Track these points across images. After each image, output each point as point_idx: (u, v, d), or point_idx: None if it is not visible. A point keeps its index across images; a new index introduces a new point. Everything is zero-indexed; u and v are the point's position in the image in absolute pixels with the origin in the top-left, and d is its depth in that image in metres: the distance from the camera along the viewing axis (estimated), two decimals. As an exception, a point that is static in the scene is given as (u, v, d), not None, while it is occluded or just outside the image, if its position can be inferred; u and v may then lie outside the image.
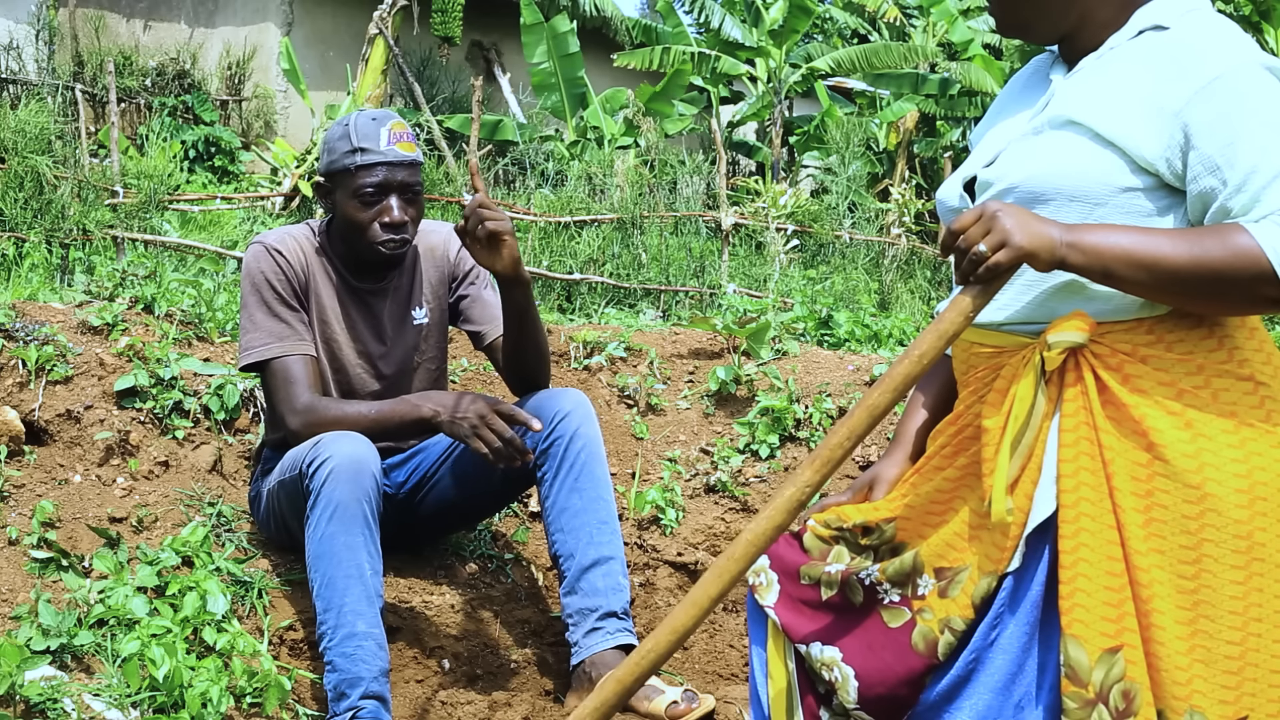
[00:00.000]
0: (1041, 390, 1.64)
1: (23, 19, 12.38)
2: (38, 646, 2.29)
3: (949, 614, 1.68)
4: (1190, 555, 1.56)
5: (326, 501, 2.40)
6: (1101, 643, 1.58)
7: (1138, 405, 1.59)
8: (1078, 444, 1.62)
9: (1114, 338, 1.62)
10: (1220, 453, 1.57)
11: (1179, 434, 1.58)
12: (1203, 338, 1.61)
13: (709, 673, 2.82)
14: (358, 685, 2.35)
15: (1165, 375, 1.60)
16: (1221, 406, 1.59)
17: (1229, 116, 1.54)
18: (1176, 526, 1.57)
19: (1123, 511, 1.58)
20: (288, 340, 2.64)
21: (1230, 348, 1.61)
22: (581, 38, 12.83)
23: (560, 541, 2.65)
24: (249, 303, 2.66)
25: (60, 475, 2.90)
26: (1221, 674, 1.55)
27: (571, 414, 2.66)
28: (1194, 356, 1.60)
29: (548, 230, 8.19)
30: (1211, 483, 1.56)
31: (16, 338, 3.17)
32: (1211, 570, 1.56)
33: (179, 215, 7.96)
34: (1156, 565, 1.56)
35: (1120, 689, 1.58)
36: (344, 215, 2.66)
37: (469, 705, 2.55)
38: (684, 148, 12.54)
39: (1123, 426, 1.60)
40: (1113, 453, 1.60)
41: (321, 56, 13.34)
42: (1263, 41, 12.12)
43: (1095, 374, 1.62)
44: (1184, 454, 1.57)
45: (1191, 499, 1.56)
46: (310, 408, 2.58)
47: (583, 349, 4.12)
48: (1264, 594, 1.56)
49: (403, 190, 2.64)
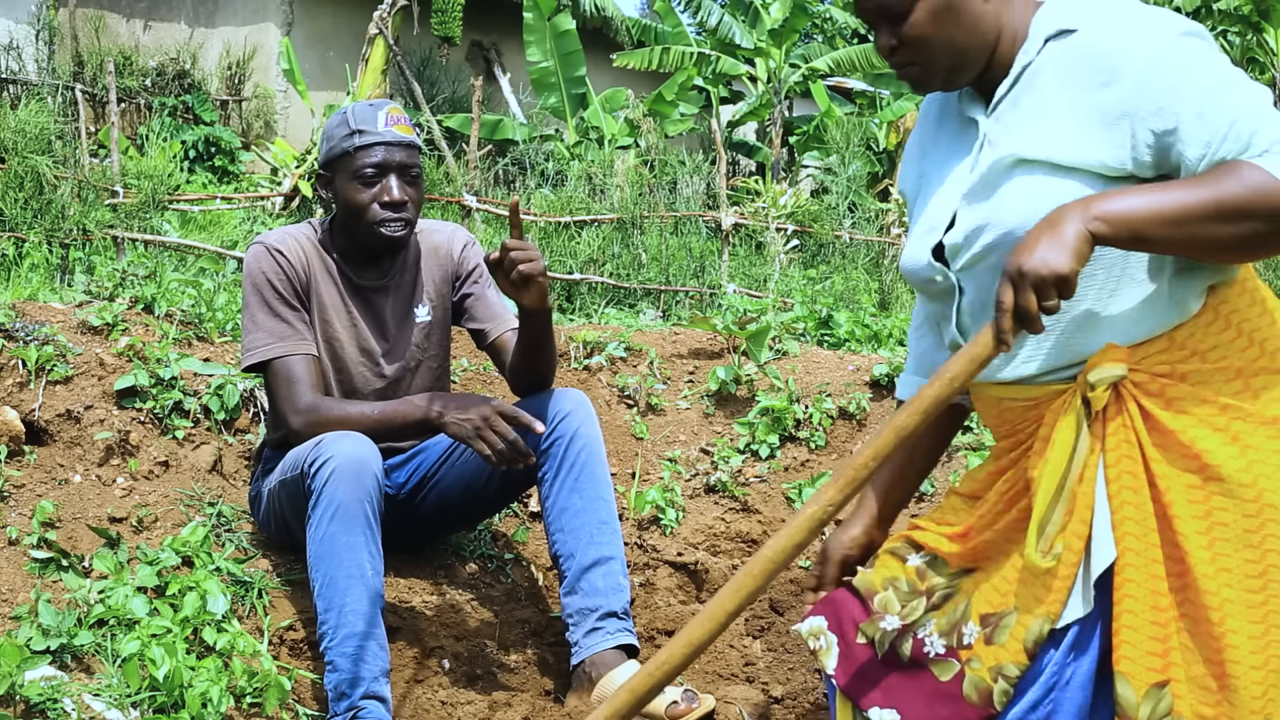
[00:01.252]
0: (1085, 431, 1.62)
1: (23, 19, 12.37)
2: (38, 646, 2.29)
3: (999, 661, 1.65)
4: (1256, 569, 1.56)
5: (328, 501, 2.40)
6: (1148, 678, 1.58)
7: (1185, 429, 1.59)
8: (1120, 479, 1.61)
9: (1150, 361, 1.61)
10: (1270, 459, 1.57)
11: (1228, 449, 1.58)
12: (1232, 338, 1.61)
13: (709, 673, 2.82)
14: (359, 685, 2.35)
15: (1207, 390, 1.59)
16: (1264, 408, 1.58)
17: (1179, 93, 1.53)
18: (1240, 542, 1.56)
19: (1185, 538, 1.58)
20: (289, 340, 2.64)
21: (1260, 341, 1.61)
22: (582, 38, 12.83)
23: (560, 541, 2.65)
24: (250, 303, 2.66)
25: (60, 475, 2.90)
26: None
27: (572, 414, 2.66)
28: (1229, 360, 1.60)
29: (548, 230, 8.19)
30: (1268, 492, 1.56)
31: (16, 338, 3.17)
32: (1278, 579, 1.56)
33: (179, 215, 7.96)
34: (1226, 585, 1.56)
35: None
36: (345, 200, 2.66)
37: (469, 705, 2.55)
38: (684, 148, 12.54)
39: (1171, 452, 1.59)
40: (1167, 481, 1.59)
41: (321, 56, 13.34)
42: (1263, 41, 12.11)
43: (1139, 404, 1.61)
44: (1237, 469, 1.57)
45: (1250, 512, 1.56)
46: (313, 407, 2.58)
47: (583, 349, 4.12)
48: None
49: (401, 171, 2.65)
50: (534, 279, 2.45)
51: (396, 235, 2.66)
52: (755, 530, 3.43)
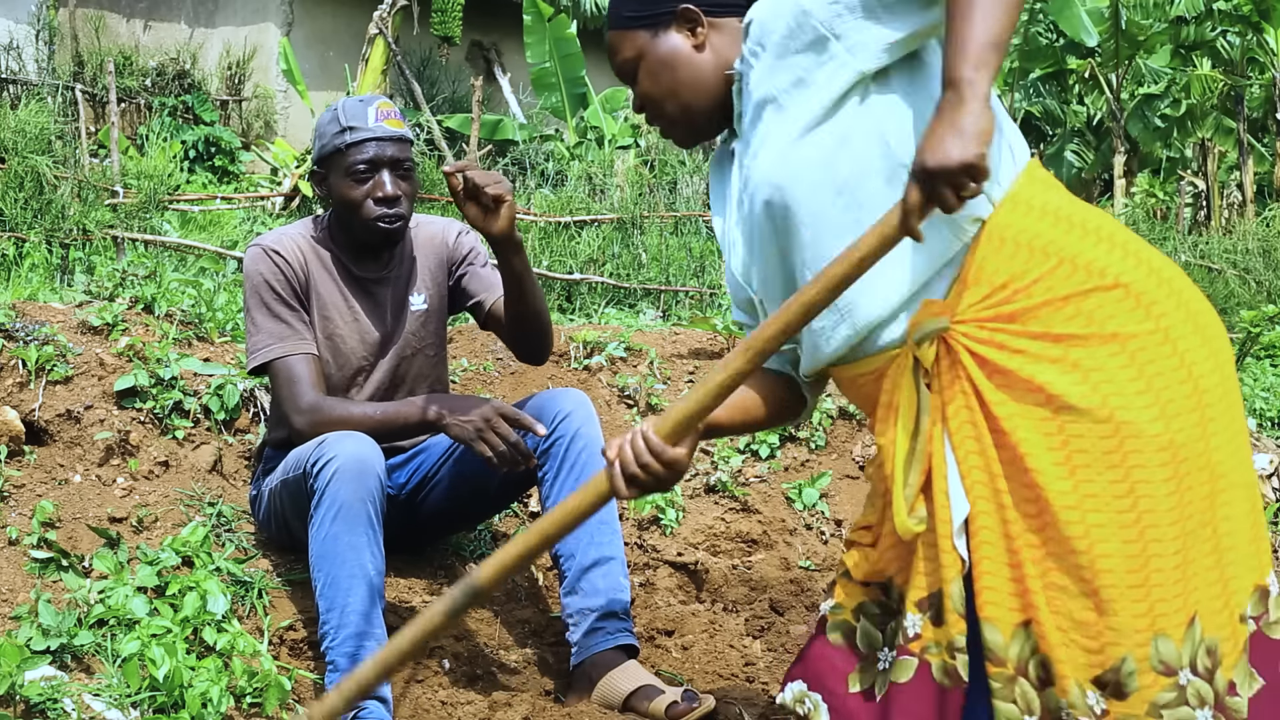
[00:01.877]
0: (923, 392, 1.63)
1: (23, 19, 12.38)
2: (38, 646, 2.29)
3: (950, 637, 1.64)
4: (1122, 489, 1.55)
5: (330, 501, 2.40)
6: (1012, 618, 1.58)
7: (1022, 367, 1.57)
8: (961, 429, 1.61)
9: (977, 309, 1.60)
10: (1115, 376, 1.56)
11: (1070, 377, 1.56)
12: (1054, 267, 1.58)
13: (709, 673, 2.82)
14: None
15: (1037, 325, 1.58)
16: (1101, 329, 1.57)
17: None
18: (1102, 465, 1.55)
19: (1040, 474, 1.56)
20: (289, 340, 2.64)
21: (1084, 264, 1.59)
22: (581, 38, 12.83)
23: (560, 541, 2.65)
24: (250, 306, 2.67)
25: (60, 475, 2.90)
26: (1172, 585, 1.55)
27: (572, 414, 2.66)
28: (1055, 290, 1.58)
29: (548, 230, 8.19)
30: (1120, 410, 1.55)
31: (16, 338, 3.17)
32: (1146, 494, 1.54)
33: (179, 215, 7.96)
34: (1093, 510, 1.55)
35: (1038, 660, 1.57)
36: (339, 197, 2.67)
37: (469, 705, 2.55)
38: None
39: (1015, 390, 1.58)
40: (1014, 420, 1.58)
41: (321, 56, 13.34)
42: (1263, 41, 12.11)
43: (973, 352, 1.59)
44: (1083, 394, 1.56)
45: (1106, 434, 1.55)
46: (315, 407, 2.59)
47: (583, 349, 4.12)
48: (1192, 491, 1.56)
49: (394, 166, 2.65)
50: (504, 198, 2.43)
51: (392, 229, 2.66)
52: (755, 530, 3.42)
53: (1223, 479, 1.60)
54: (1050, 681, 1.57)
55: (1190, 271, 9.09)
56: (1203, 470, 1.57)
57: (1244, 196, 12.54)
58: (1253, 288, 8.96)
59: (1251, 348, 5.28)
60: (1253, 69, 12.99)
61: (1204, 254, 9.58)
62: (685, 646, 2.91)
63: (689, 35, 1.79)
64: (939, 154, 1.45)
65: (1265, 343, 5.83)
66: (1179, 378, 1.57)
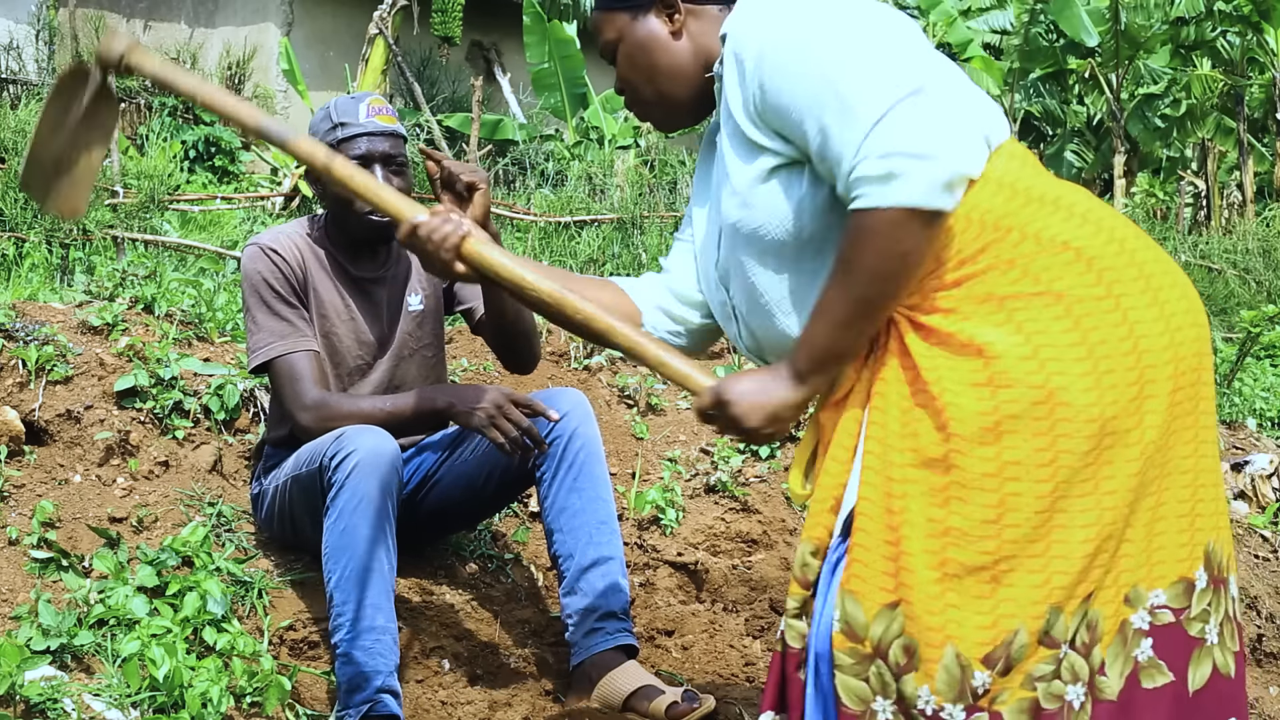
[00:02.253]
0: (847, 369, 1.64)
1: (23, 19, 12.38)
2: (38, 646, 2.29)
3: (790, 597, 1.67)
4: (1046, 457, 1.51)
5: (351, 494, 2.40)
6: (880, 598, 1.54)
7: (963, 329, 1.55)
8: (874, 400, 1.60)
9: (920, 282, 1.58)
10: (1057, 339, 1.52)
11: (1011, 338, 1.53)
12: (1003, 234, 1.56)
13: (709, 673, 2.82)
14: (374, 679, 2.35)
15: (980, 289, 1.55)
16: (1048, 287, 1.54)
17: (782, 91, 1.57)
18: (1030, 429, 1.51)
19: (964, 439, 1.52)
20: (290, 338, 2.65)
21: (1035, 232, 1.56)
22: (582, 38, 12.83)
23: (560, 542, 2.65)
24: (250, 305, 2.67)
25: (60, 475, 2.90)
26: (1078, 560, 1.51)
27: (571, 414, 2.66)
28: (1001, 255, 1.55)
29: (548, 230, 8.18)
30: (1055, 376, 1.51)
31: (16, 338, 3.17)
32: (1066, 464, 1.51)
33: (179, 215, 7.96)
34: (1012, 478, 1.51)
35: (901, 644, 1.53)
36: (333, 194, 2.67)
37: (469, 705, 2.55)
38: (684, 148, 12.54)
39: (950, 346, 1.55)
40: (944, 378, 1.54)
41: (321, 56, 13.34)
42: (1263, 41, 12.11)
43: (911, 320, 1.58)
44: (1021, 357, 1.52)
45: (1039, 399, 1.51)
46: (322, 403, 2.59)
47: (583, 349, 4.12)
48: (1114, 465, 1.52)
49: (385, 161, 2.64)
50: (478, 186, 2.43)
51: (385, 224, 2.65)
52: (755, 530, 3.42)
53: (1158, 460, 1.56)
54: (913, 667, 1.52)
55: (1190, 271, 9.09)
56: (1131, 447, 1.52)
57: (1244, 196, 12.53)
58: (1253, 288, 8.96)
59: (1251, 348, 5.28)
60: (1253, 69, 12.98)
61: (1204, 254, 9.57)
62: (685, 646, 2.91)
63: (667, 21, 1.80)
64: (741, 407, 1.62)
65: (1265, 343, 5.83)
66: (1122, 349, 1.53)
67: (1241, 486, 4.17)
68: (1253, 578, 3.67)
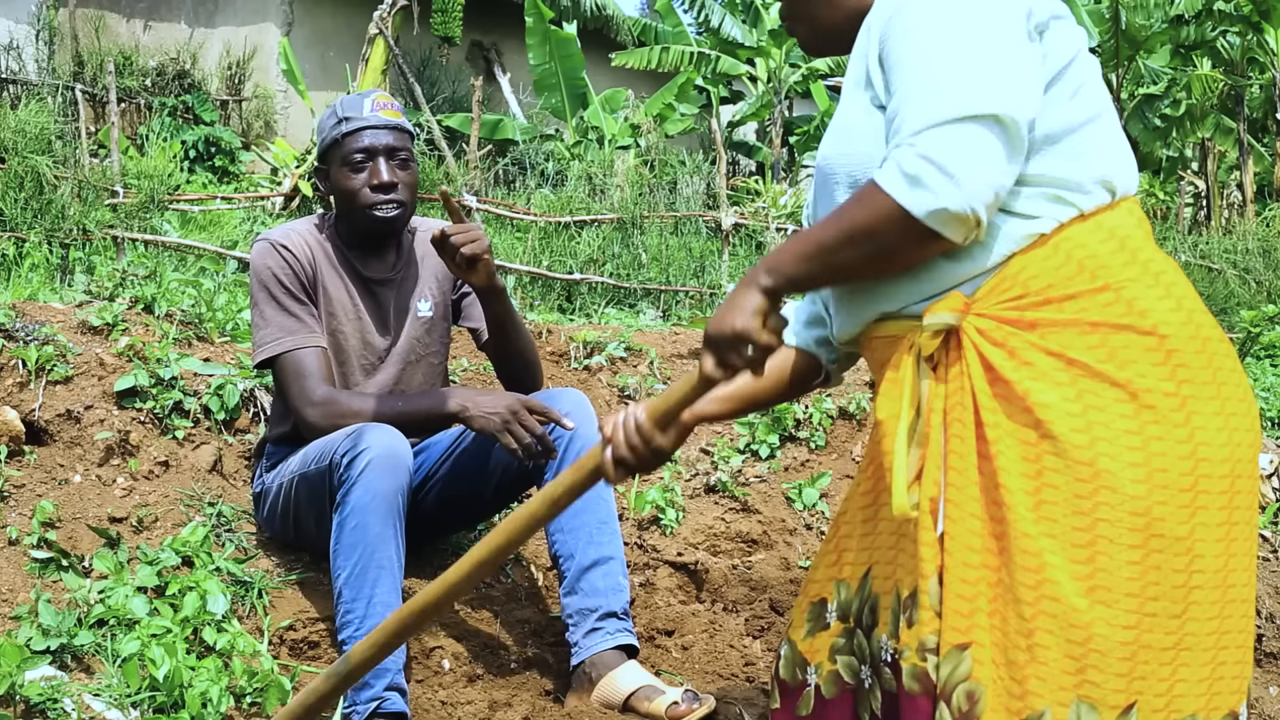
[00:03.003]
0: (926, 376, 1.58)
1: (23, 19, 12.38)
2: (38, 646, 2.29)
3: (921, 637, 1.56)
4: (1084, 538, 1.46)
5: (364, 490, 2.39)
6: (952, 638, 1.51)
7: (1022, 380, 1.50)
8: (953, 426, 1.55)
9: (1001, 306, 1.53)
10: (1113, 424, 1.46)
11: (1068, 407, 1.47)
12: (1097, 290, 1.51)
13: (709, 673, 2.82)
14: (383, 676, 2.35)
15: (1055, 342, 1.50)
16: (1118, 369, 1.48)
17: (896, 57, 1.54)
18: (1068, 507, 1.46)
19: (1009, 493, 1.48)
20: (298, 334, 2.65)
21: (1128, 299, 1.51)
22: (581, 38, 12.84)
23: (560, 542, 2.65)
24: (258, 300, 2.67)
25: (60, 475, 2.90)
26: (1116, 660, 1.45)
27: (571, 414, 2.66)
28: (1087, 313, 1.50)
29: (548, 230, 8.19)
30: (1104, 458, 1.45)
31: (16, 338, 3.17)
32: (1107, 552, 1.45)
33: (179, 215, 7.96)
34: (1050, 550, 1.47)
35: (965, 689, 1.50)
36: (339, 189, 2.69)
37: (469, 705, 2.55)
38: (684, 148, 12.54)
39: (1009, 404, 1.51)
40: (998, 432, 1.51)
41: (321, 56, 13.35)
42: (1263, 41, 12.11)
43: (980, 352, 1.53)
44: (1073, 429, 1.47)
45: (1083, 477, 1.46)
46: (330, 399, 2.59)
47: (583, 349, 4.12)
48: (1161, 571, 1.45)
49: (390, 154, 2.67)
50: (479, 259, 2.47)
51: (389, 216, 2.67)
52: (755, 530, 3.43)
53: (1218, 582, 1.48)
54: (974, 716, 1.50)
55: (1190, 271, 9.10)
56: (1181, 556, 1.46)
57: (1244, 196, 12.54)
58: (1253, 288, 8.96)
59: (1251, 348, 5.28)
60: (1253, 69, 12.99)
61: (1204, 254, 9.58)
62: (685, 646, 2.91)
63: None
64: (715, 323, 1.59)
65: (1265, 343, 5.84)
66: (1180, 452, 1.46)
67: (1242, 486, 4.17)
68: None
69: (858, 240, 1.50)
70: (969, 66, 1.47)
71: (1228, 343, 1.57)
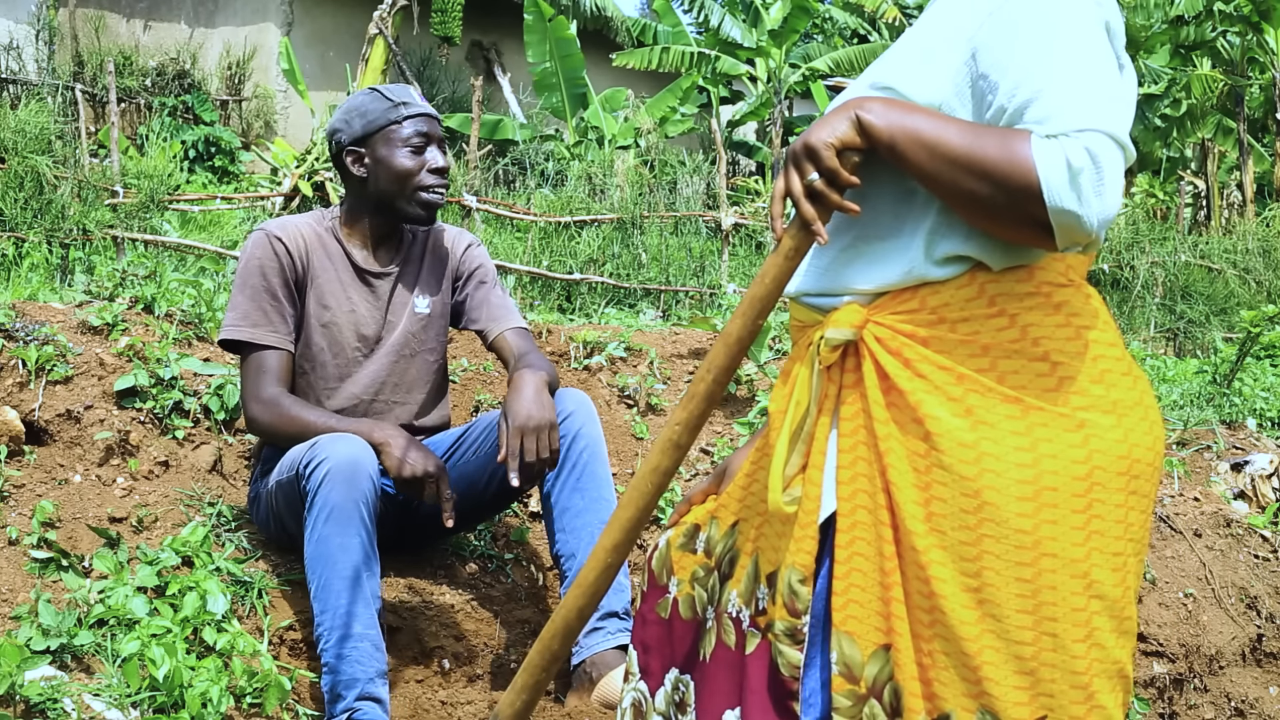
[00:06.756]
0: (819, 377, 1.55)
1: (23, 19, 12.38)
2: (38, 646, 2.28)
3: (773, 620, 1.57)
4: (971, 552, 1.44)
5: (322, 504, 2.40)
6: (875, 638, 1.51)
7: (915, 392, 1.48)
8: (856, 434, 1.53)
9: (897, 318, 1.52)
10: (1002, 441, 1.44)
11: (957, 422, 1.45)
12: (991, 315, 1.49)
13: (709, 673, 2.82)
14: (354, 687, 2.35)
15: (946, 358, 1.48)
16: (1008, 390, 1.45)
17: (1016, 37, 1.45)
18: (955, 521, 1.45)
19: (900, 506, 1.48)
20: (260, 328, 2.66)
21: (1023, 325, 1.48)
22: (581, 38, 12.84)
23: (562, 541, 2.65)
24: (238, 283, 2.70)
25: (60, 475, 2.90)
26: (1014, 674, 1.43)
27: (574, 414, 2.66)
28: (979, 336, 1.48)
29: (548, 230, 8.19)
30: (989, 475, 1.43)
31: (16, 338, 3.17)
32: (994, 568, 1.43)
33: (179, 215, 7.97)
34: (938, 562, 1.45)
35: (892, 687, 1.50)
36: (391, 170, 2.69)
37: (469, 705, 2.55)
38: (684, 148, 12.54)
39: (902, 414, 1.49)
40: (890, 442, 1.49)
41: (321, 56, 13.35)
42: (1263, 41, 12.11)
43: (875, 360, 1.52)
44: (960, 444, 1.45)
45: (968, 492, 1.44)
46: (275, 400, 2.61)
47: (583, 349, 4.12)
48: (1058, 592, 1.43)
49: (440, 144, 2.77)
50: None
51: (438, 201, 2.74)
52: (755, 530, 3.43)
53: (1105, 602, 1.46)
54: (899, 712, 1.49)
55: (1190, 271, 9.10)
56: (1076, 579, 1.44)
57: (1244, 196, 12.54)
58: (1253, 288, 8.97)
59: (1251, 348, 5.28)
60: (1253, 69, 12.99)
61: (1204, 254, 9.58)
62: (685, 646, 2.91)
63: None
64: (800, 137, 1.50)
65: (1265, 343, 5.84)
66: (1075, 473, 1.44)
67: (1241, 486, 4.17)
68: (1253, 578, 3.67)
69: (975, 169, 1.41)
70: (1114, 91, 1.44)
71: (1128, 361, 1.53)
